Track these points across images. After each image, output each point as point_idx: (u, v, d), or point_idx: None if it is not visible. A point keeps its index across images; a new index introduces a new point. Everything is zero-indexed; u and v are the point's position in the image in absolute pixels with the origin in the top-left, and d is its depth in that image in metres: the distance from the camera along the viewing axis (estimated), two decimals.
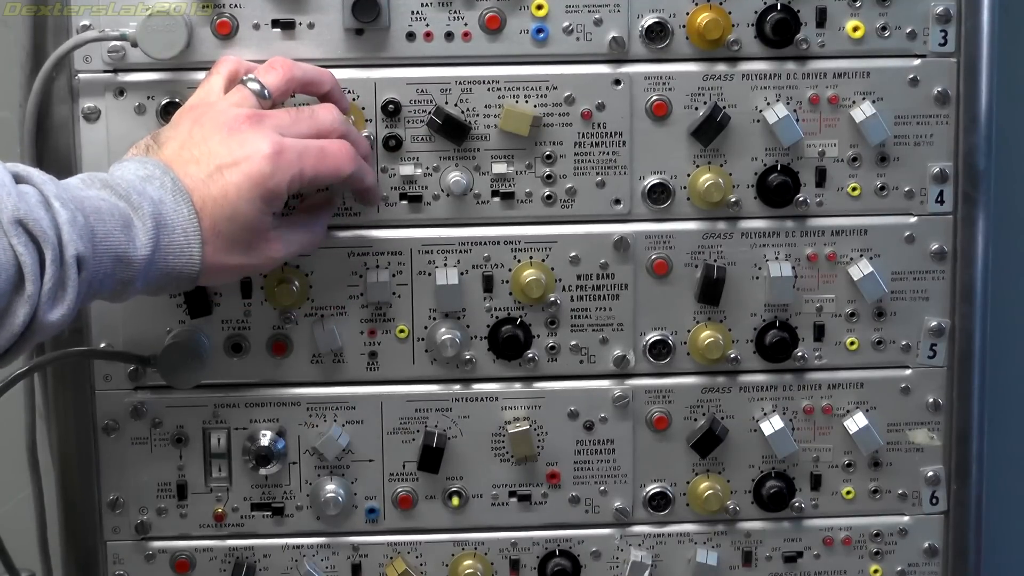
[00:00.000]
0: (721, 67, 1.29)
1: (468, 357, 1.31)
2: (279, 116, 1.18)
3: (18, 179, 1.05)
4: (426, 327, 1.31)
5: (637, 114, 1.29)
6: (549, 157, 1.29)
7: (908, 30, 1.29)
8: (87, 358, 1.29)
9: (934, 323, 1.33)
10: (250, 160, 1.14)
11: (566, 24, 1.27)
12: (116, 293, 1.11)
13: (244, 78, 1.20)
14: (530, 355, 1.31)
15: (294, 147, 1.16)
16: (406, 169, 1.28)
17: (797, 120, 1.29)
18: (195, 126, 1.16)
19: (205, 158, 1.14)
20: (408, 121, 1.28)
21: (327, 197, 1.26)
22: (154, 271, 1.11)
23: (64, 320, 1.05)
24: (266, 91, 1.19)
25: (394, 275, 1.30)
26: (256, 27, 1.26)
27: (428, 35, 1.27)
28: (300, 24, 1.26)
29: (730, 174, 1.30)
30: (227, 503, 1.32)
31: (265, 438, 1.30)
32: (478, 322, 1.31)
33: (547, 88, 1.28)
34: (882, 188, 1.31)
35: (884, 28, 1.29)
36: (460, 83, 1.27)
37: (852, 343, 1.33)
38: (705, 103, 1.29)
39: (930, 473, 1.35)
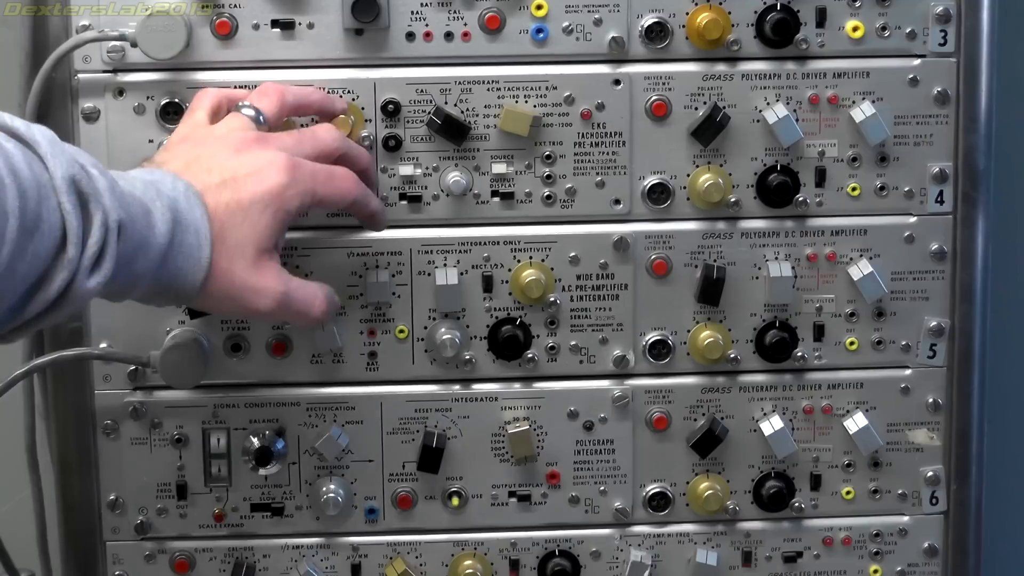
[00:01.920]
0: (721, 67, 1.29)
1: (468, 357, 1.31)
2: (283, 139, 1.17)
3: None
4: (426, 327, 1.31)
5: (637, 114, 1.29)
6: (549, 157, 1.29)
7: (908, 30, 1.29)
8: (87, 359, 1.29)
9: (934, 323, 1.33)
10: (266, 172, 1.12)
11: (566, 24, 1.27)
12: (124, 286, 1.06)
13: (238, 105, 1.19)
14: (530, 355, 1.31)
15: (305, 166, 1.15)
16: (406, 169, 1.28)
17: (797, 120, 1.29)
18: (197, 147, 1.14)
19: (217, 169, 1.12)
20: (408, 121, 1.28)
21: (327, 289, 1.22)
22: (163, 271, 1.07)
23: (98, 290, 1.00)
24: (261, 116, 1.18)
25: (394, 275, 1.30)
26: (256, 27, 1.26)
27: (428, 35, 1.27)
28: (300, 24, 1.26)
29: (730, 174, 1.30)
30: (227, 503, 1.32)
31: (265, 438, 1.30)
32: (478, 322, 1.31)
33: (547, 88, 1.28)
34: (882, 188, 1.31)
35: (884, 28, 1.29)
36: (460, 83, 1.27)
37: (852, 343, 1.33)
38: (705, 103, 1.29)
39: (930, 473, 1.35)
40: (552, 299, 1.30)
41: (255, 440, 1.30)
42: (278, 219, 1.13)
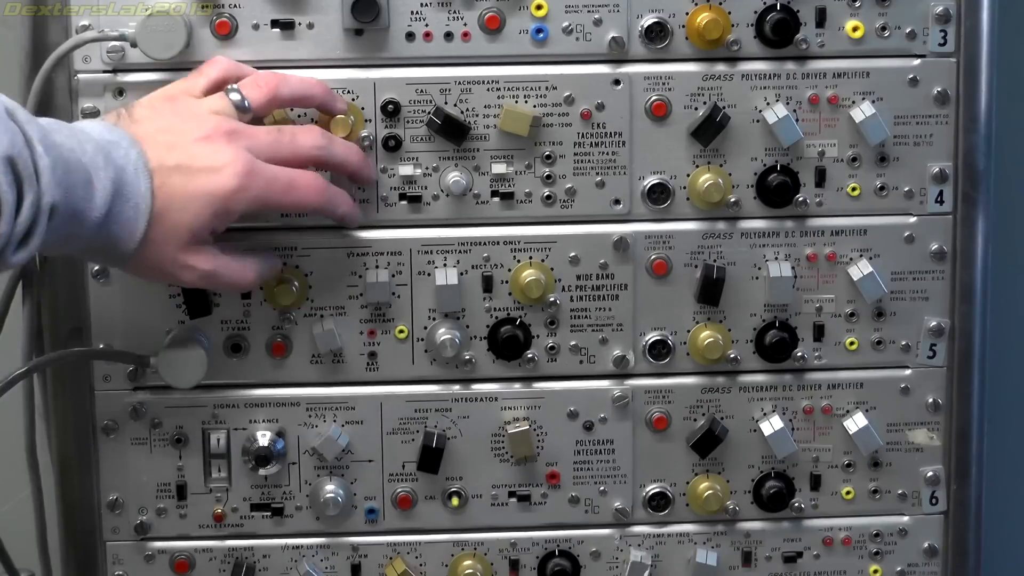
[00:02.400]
0: (721, 67, 1.29)
1: (468, 357, 1.31)
2: (258, 137, 1.19)
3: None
4: (426, 327, 1.31)
5: (637, 114, 1.29)
6: (549, 157, 1.29)
7: (908, 30, 1.29)
8: (87, 358, 1.29)
9: (934, 323, 1.33)
10: (220, 172, 1.15)
11: (566, 24, 1.27)
12: (56, 247, 1.11)
13: (228, 87, 1.20)
14: (530, 355, 1.31)
15: (264, 173, 1.17)
16: (406, 169, 1.28)
17: (797, 120, 1.29)
18: (174, 119, 1.17)
19: (179, 149, 1.15)
20: (408, 121, 1.28)
21: (272, 256, 1.27)
22: (97, 236, 1.11)
23: (23, 263, 1.06)
24: (246, 102, 1.20)
25: (394, 275, 1.30)
26: (256, 27, 1.26)
27: (428, 35, 1.27)
28: (300, 24, 1.26)
29: (730, 174, 1.30)
30: (227, 503, 1.32)
31: (265, 438, 1.30)
32: (478, 322, 1.31)
33: (547, 88, 1.28)
34: (882, 188, 1.31)
35: (884, 28, 1.29)
36: (460, 83, 1.27)
37: (852, 343, 1.33)
38: (705, 103, 1.29)
39: (930, 473, 1.35)
40: (552, 299, 1.30)
41: (255, 440, 1.30)
42: (219, 217, 1.16)
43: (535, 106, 1.28)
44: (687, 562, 1.36)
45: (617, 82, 1.28)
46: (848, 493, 1.35)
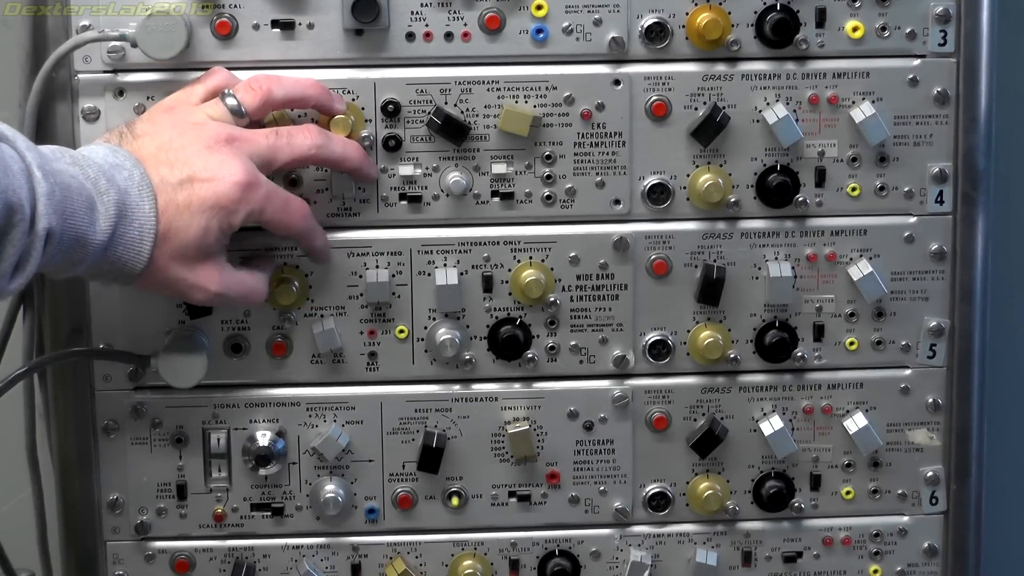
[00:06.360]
0: (721, 67, 1.29)
1: (468, 357, 1.31)
2: (256, 141, 1.19)
3: (0, 138, 1.06)
4: (426, 327, 1.31)
5: (637, 114, 1.29)
6: (549, 157, 1.29)
7: (908, 30, 1.29)
8: (87, 358, 1.29)
9: (934, 323, 1.33)
10: (223, 181, 1.16)
11: (566, 24, 1.27)
12: (60, 270, 1.12)
13: (224, 92, 1.21)
14: (530, 355, 1.31)
15: (265, 187, 1.18)
16: (406, 169, 1.28)
17: (797, 120, 1.29)
18: (174, 130, 1.17)
19: (180, 164, 1.16)
20: (408, 121, 1.28)
21: (269, 259, 1.28)
22: (103, 259, 1.12)
23: (19, 289, 1.07)
24: (242, 108, 1.20)
25: (394, 275, 1.30)
26: (256, 27, 1.26)
27: (428, 35, 1.27)
28: (300, 24, 1.26)
29: (730, 174, 1.30)
30: (227, 503, 1.32)
31: (265, 438, 1.31)
32: (478, 322, 1.31)
33: (547, 88, 1.28)
34: (882, 188, 1.31)
35: (884, 28, 1.29)
36: (460, 83, 1.27)
37: (852, 343, 1.33)
38: (705, 103, 1.29)
39: (930, 473, 1.35)
40: (552, 299, 1.30)
41: (255, 440, 1.30)
42: (224, 228, 1.17)
43: (535, 106, 1.28)
44: (687, 562, 1.36)
45: (617, 82, 1.28)
46: (848, 493, 1.35)
